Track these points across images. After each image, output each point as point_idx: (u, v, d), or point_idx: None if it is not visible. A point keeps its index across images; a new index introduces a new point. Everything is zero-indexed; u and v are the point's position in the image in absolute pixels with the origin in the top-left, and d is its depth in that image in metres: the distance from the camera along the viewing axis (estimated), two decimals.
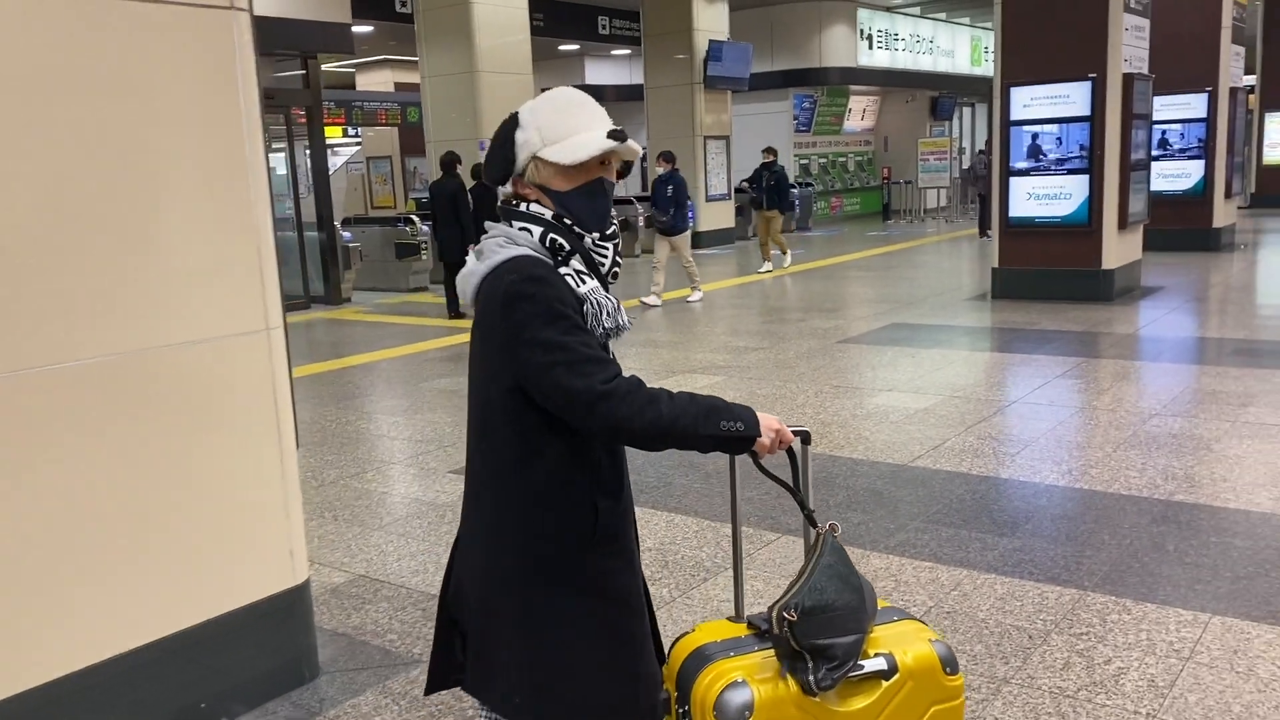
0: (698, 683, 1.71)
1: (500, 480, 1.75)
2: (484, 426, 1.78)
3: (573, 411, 1.66)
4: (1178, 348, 7.91)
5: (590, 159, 1.75)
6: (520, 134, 1.77)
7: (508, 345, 1.69)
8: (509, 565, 1.75)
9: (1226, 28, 13.57)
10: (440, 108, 14.52)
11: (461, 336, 9.75)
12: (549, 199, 1.77)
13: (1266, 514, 4.23)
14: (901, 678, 1.73)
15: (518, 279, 1.69)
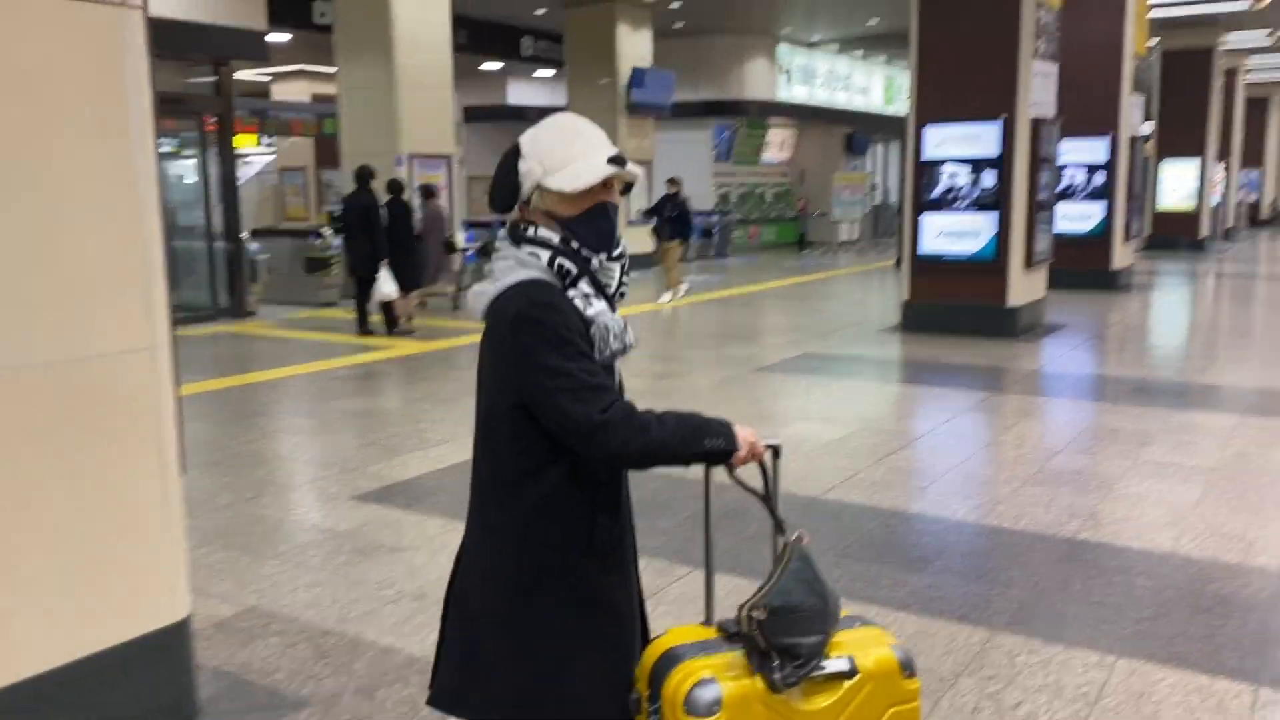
0: (668, 680, 1.77)
1: (504, 491, 1.83)
2: (489, 437, 1.85)
3: (572, 436, 1.74)
4: (1079, 385, 8.10)
5: (592, 185, 1.81)
6: (523, 164, 1.84)
7: (515, 365, 1.76)
8: (509, 574, 1.81)
9: (1127, 76, 14.11)
10: (357, 120, 14.22)
11: (370, 355, 9.52)
12: (555, 224, 1.84)
13: (1166, 554, 4.30)
14: (862, 679, 1.80)
15: (526, 304, 1.76)
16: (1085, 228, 14.62)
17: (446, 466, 5.71)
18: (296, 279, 13.66)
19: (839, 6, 19.57)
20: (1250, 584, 3.98)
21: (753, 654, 1.77)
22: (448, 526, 4.71)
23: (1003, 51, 9.91)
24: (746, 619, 1.75)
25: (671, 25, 20.73)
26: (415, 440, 6.31)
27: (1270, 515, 4.75)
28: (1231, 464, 5.62)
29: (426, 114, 14.18)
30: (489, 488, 1.87)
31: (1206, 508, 4.88)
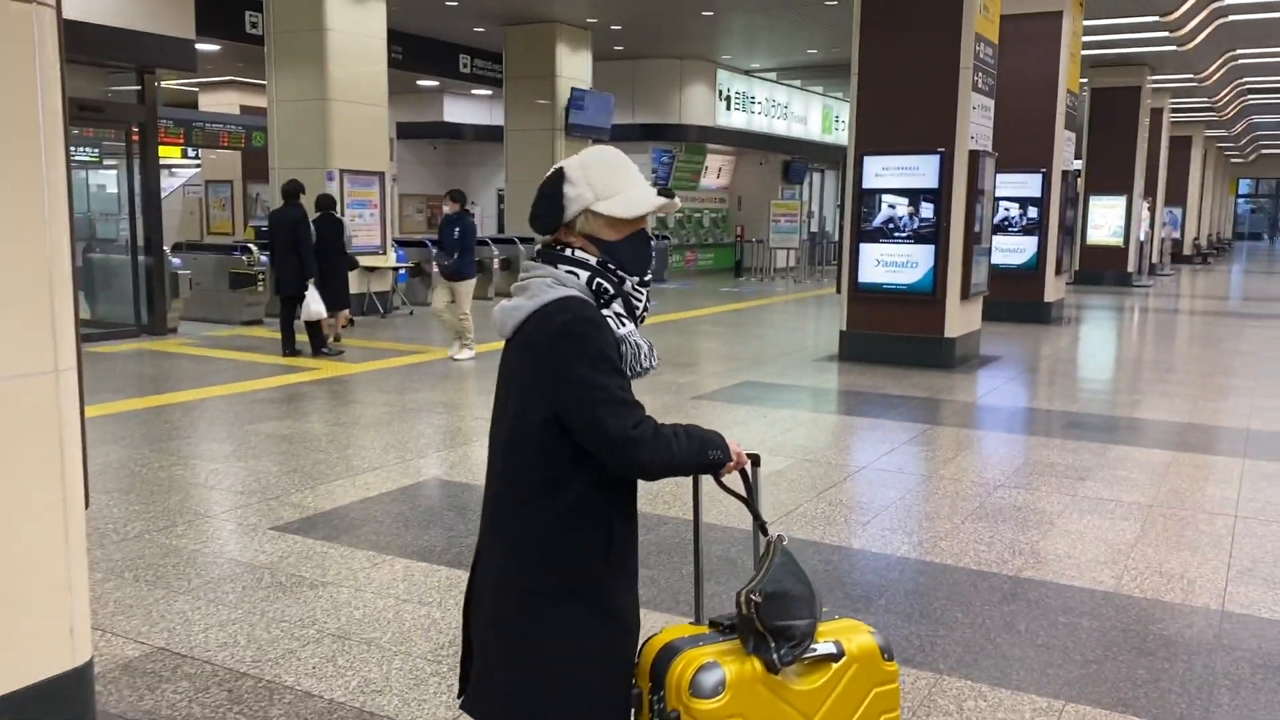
0: (672, 669, 1.86)
1: (525, 503, 1.89)
2: (513, 450, 1.91)
3: (603, 448, 1.83)
4: (1016, 418, 8.14)
5: (643, 214, 1.93)
6: (570, 189, 1.92)
7: (552, 378, 1.84)
8: (525, 584, 1.89)
9: (1061, 114, 14.41)
10: (288, 134, 13.89)
11: (294, 376, 9.20)
12: (594, 247, 1.94)
13: (1109, 593, 4.25)
14: (848, 661, 1.95)
15: (571, 319, 1.85)
16: (1018, 260, 14.86)
17: (374, 495, 5.47)
18: (220, 295, 13.24)
19: (778, 36, 19.74)
20: (1193, 624, 3.94)
21: (749, 638, 1.89)
22: (374, 560, 4.49)
23: (942, 84, 10.01)
24: (746, 601, 1.86)
25: (612, 47, 20.71)
26: (341, 467, 6.06)
27: (1207, 554, 4.75)
28: (1167, 500, 5.64)
29: (359, 129, 13.91)
30: (508, 499, 1.94)
31: (1146, 545, 4.86)
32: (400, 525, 4.99)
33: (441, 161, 25.63)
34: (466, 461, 6.26)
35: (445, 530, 4.91)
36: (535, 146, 18.24)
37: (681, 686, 1.84)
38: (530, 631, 1.89)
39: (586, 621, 1.90)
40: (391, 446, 6.60)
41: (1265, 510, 5.46)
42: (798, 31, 19.13)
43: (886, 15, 10.22)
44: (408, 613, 3.92)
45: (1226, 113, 29.86)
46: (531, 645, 1.89)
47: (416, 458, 6.32)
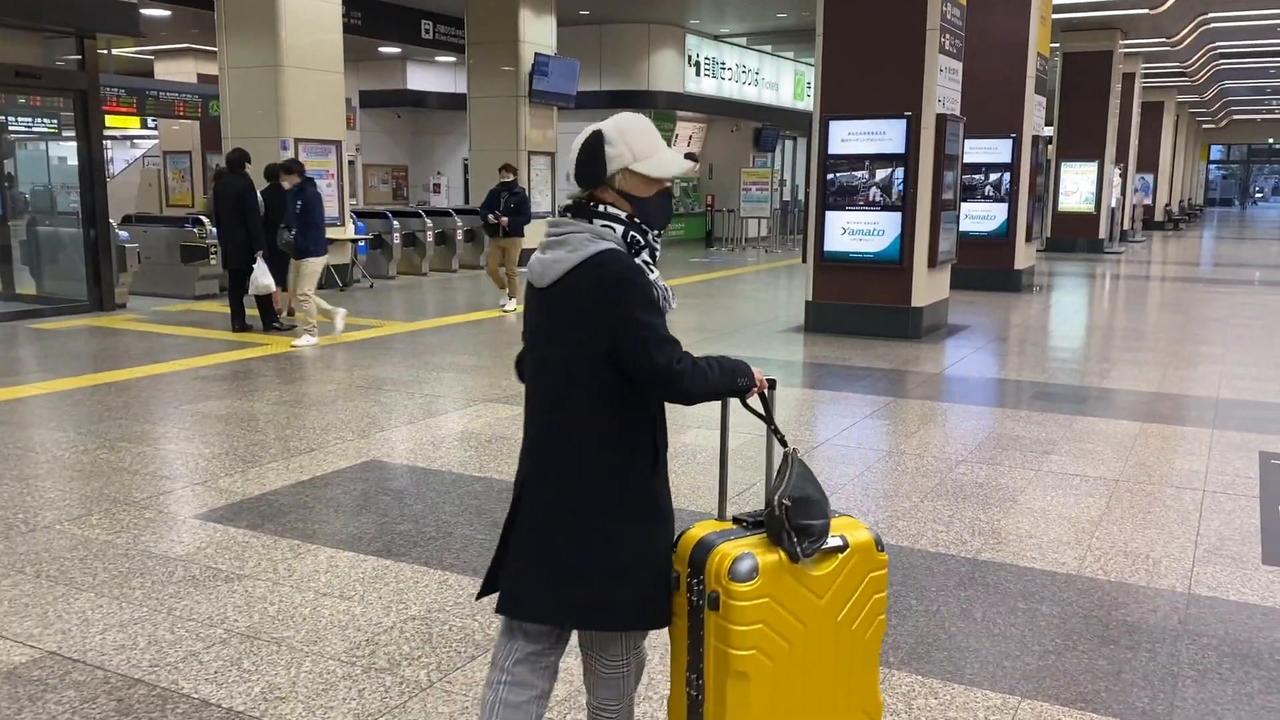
0: (711, 558, 2.17)
1: (584, 429, 2.16)
2: (569, 385, 2.17)
3: (652, 377, 2.12)
4: (981, 389, 7.94)
5: (675, 174, 2.22)
6: (611, 149, 2.16)
7: (609, 320, 2.09)
8: (587, 495, 2.16)
9: (1031, 77, 14.15)
10: (240, 102, 13.44)
11: (241, 353, 8.89)
12: (627, 202, 2.19)
13: (1071, 575, 4.05)
14: (851, 552, 2.28)
15: (623, 268, 2.11)
16: (988, 228, 14.65)
17: (307, 479, 5.20)
18: (172, 269, 12.84)
19: None
20: (1158, 609, 3.74)
21: (776, 534, 2.19)
22: (298, 550, 4.22)
23: (909, 45, 9.73)
24: (778, 505, 2.16)
25: (578, 12, 20.26)
26: (277, 449, 5.78)
27: (1174, 532, 4.56)
28: (1134, 474, 5.45)
29: (315, 97, 13.48)
30: (565, 428, 2.19)
31: (1111, 523, 4.66)
32: (331, 511, 4.73)
33: (406, 131, 25.12)
34: (409, 442, 5.99)
35: (378, 516, 4.65)
36: (499, 114, 17.81)
37: (721, 572, 2.15)
38: (595, 537, 2.17)
39: (641, 525, 2.20)
40: (332, 427, 6.31)
41: (1234, 484, 5.28)
42: None
43: None
44: (325, 608, 3.67)
45: (1198, 77, 29.73)
46: (596, 549, 2.17)
47: (358, 438, 6.04)
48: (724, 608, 2.15)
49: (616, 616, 2.22)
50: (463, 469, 5.40)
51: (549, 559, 2.19)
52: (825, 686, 2.29)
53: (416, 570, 4.01)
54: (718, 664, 2.18)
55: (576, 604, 2.20)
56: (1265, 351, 9.49)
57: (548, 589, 2.19)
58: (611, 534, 2.18)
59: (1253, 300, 13.77)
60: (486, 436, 6.07)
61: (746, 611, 2.15)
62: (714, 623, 2.17)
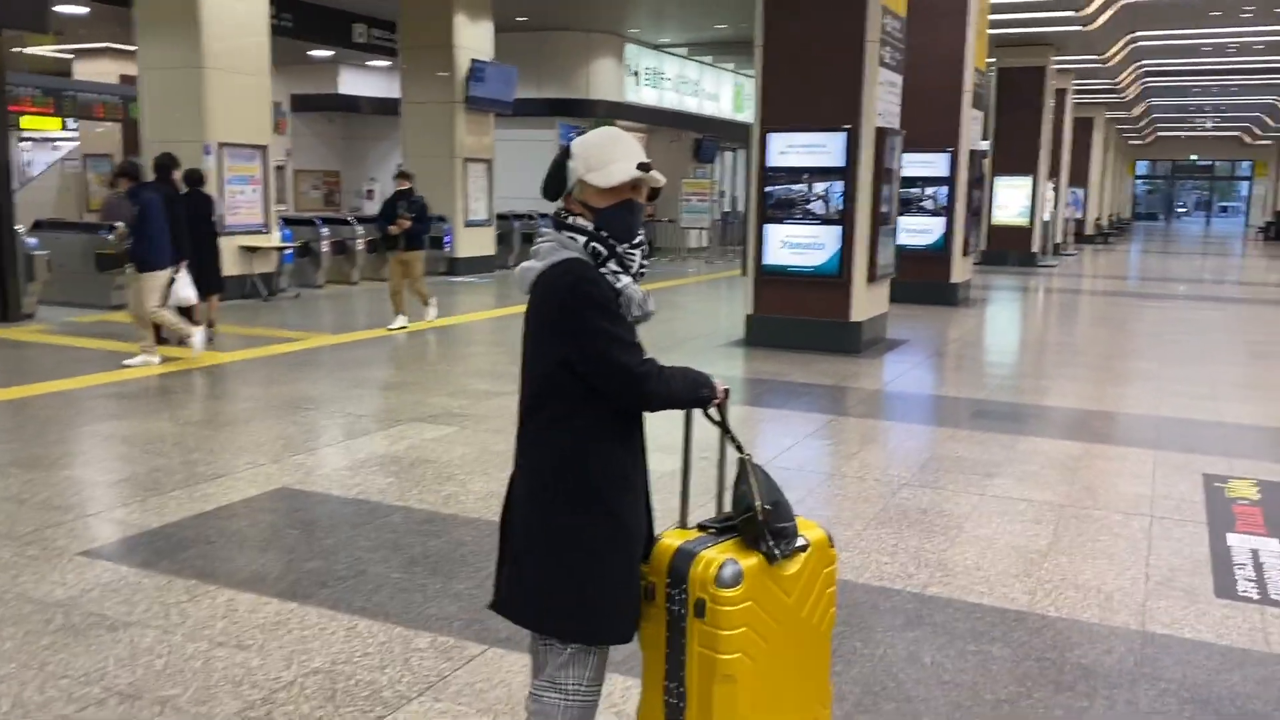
0: (693, 567, 2.21)
1: (545, 433, 2.25)
2: (534, 389, 2.26)
3: (615, 385, 2.18)
4: (922, 407, 7.80)
5: (623, 183, 2.24)
6: (571, 162, 2.26)
7: (564, 328, 2.16)
8: (547, 497, 2.23)
9: (967, 91, 14.18)
10: (160, 105, 12.90)
11: (172, 365, 8.42)
12: (590, 213, 2.26)
13: (1022, 612, 3.86)
14: (813, 549, 2.37)
15: (575, 279, 2.17)
16: (926, 242, 14.63)
17: (212, 509, 4.83)
18: (86, 278, 12.23)
19: (687, 9, 19.22)
20: (1113, 650, 3.56)
21: (754, 538, 2.27)
22: (194, 592, 3.86)
23: (848, 58, 9.60)
24: (762, 510, 2.24)
25: (515, 18, 19.95)
26: (182, 475, 5.39)
27: (1124, 562, 4.41)
28: (1080, 499, 5.31)
29: (239, 100, 12.99)
30: (531, 430, 2.29)
31: (1060, 553, 4.50)
32: (234, 546, 4.37)
33: (339, 136, 24.55)
34: (325, 466, 5.63)
35: (285, 552, 4.30)
36: (434, 120, 17.42)
37: (707, 579, 2.20)
38: (552, 540, 2.22)
39: (596, 529, 2.22)
40: (244, 450, 5.93)
41: (1180, 508, 5.16)
42: (706, 5, 18.64)
43: None
44: (219, 661, 3.33)
45: (1127, 95, 30.35)
46: (553, 553, 2.22)
47: (270, 463, 5.67)
48: (710, 614, 2.21)
49: (567, 625, 2.25)
50: (381, 497, 5.07)
51: (517, 561, 2.30)
52: (793, 679, 2.40)
53: (323, 615, 3.68)
54: (703, 670, 2.23)
55: (528, 604, 2.28)
56: (1198, 367, 9.52)
57: (516, 590, 2.30)
58: (570, 536, 2.22)
59: (1183, 315, 13.92)
60: (409, 460, 5.74)
61: (733, 616, 2.21)
62: (699, 630, 2.23)
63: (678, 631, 2.26)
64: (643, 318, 2.28)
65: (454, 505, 4.95)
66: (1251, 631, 3.73)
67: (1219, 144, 52.99)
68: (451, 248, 17.43)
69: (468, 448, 6.04)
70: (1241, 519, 5.00)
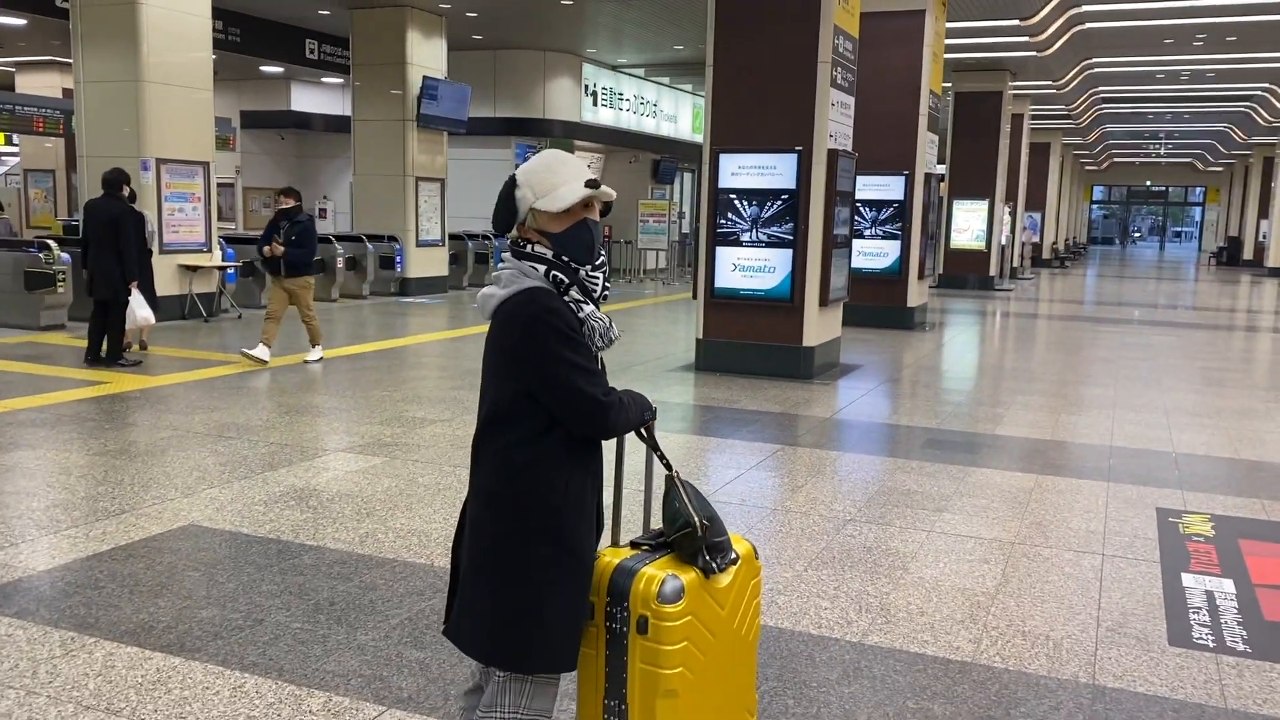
0: (635, 584, 2.25)
1: (500, 460, 2.24)
2: (490, 417, 2.26)
3: (578, 416, 2.20)
4: (872, 436, 7.59)
5: (574, 204, 2.25)
6: (518, 192, 2.27)
7: (524, 358, 2.18)
8: (501, 527, 2.24)
9: (924, 114, 14.11)
10: (98, 119, 12.52)
11: (74, 392, 8.04)
12: (547, 240, 2.26)
13: (967, 663, 3.62)
14: (743, 561, 2.43)
15: (538, 309, 2.18)
16: (881, 265, 14.53)
17: (107, 550, 4.49)
18: (15, 297, 11.79)
19: (644, 29, 19.08)
20: (1061, 706, 3.33)
21: (691, 553, 2.30)
22: (70, 646, 3.53)
23: (800, 78, 9.45)
24: (701, 527, 2.27)
25: (470, 36, 19.72)
26: (82, 511, 5.04)
27: (1074, 606, 4.19)
28: (1030, 536, 5.10)
29: (180, 116, 12.63)
30: (486, 456, 2.26)
31: (1008, 596, 4.27)
32: (125, 592, 4.03)
33: (290, 153, 24.13)
34: (239, 501, 5.30)
35: (179, 599, 3.97)
36: (386, 138, 17.13)
37: (649, 596, 2.22)
38: (503, 568, 2.22)
39: (549, 559, 2.21)
40: (155, 482, 5.58)
41: (1133, 546, 4.97)
42: (664, 26, 18.51)
43: (743, 4, 9.60)
44: None
45: (1082, 120, 30.67)
46: (505, 580, 2.21)
47: (181, 497, 5.33)
48: (653, 630, 2.23)
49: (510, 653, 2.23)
50: (294, 535, 4.75)
51: (465, 587, 2.30)
52: (725, 689, 2.44)
53: (209, 672, 3.36)
54: (645, 686, 2.25)
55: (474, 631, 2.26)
56: (1152, 394, 9.41)
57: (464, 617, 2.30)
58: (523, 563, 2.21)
59: (1138, 340, 13.89)
60: (328, 495, 5.42)
61: (674, 631, 2.24)
62: (641, 646, 2.24)
63: (619, 649, 2.28)
64: (605, 346, 2.28)
65: (370, 545, 4.64)
66: (1207, 684, 3.52)
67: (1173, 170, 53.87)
68: (403, 268, 17.12)
69: (394, 480, 5.73)
70: (1196, 558, 4.81)
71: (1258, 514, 5.61)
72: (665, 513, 2.37)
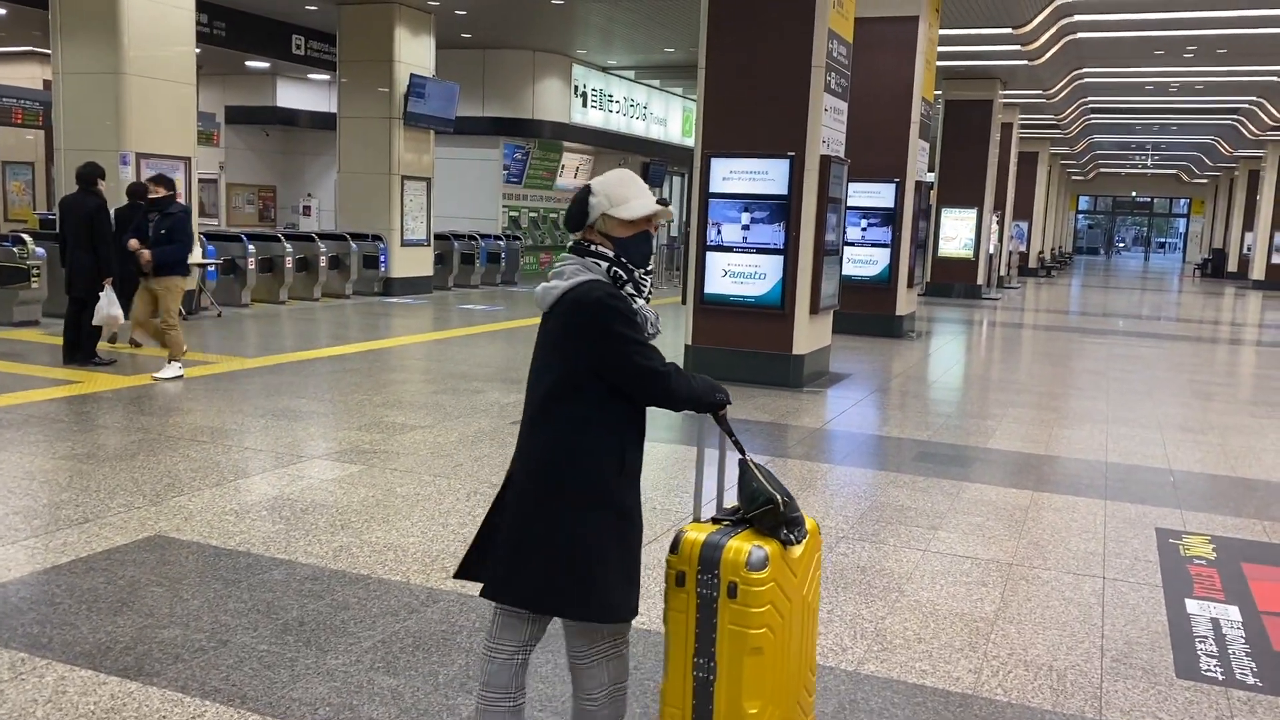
0: (725, 555, 2.53)
1: (562, 431, 2.49)
2: (554, 395, 2.51)
3: (642, 383, 2.49)
4: (864, 448, 7.44)
5: (642, 217, 2.57)
6: (593, 198, 2.58)
7: (592, 337, 2.46)
8: (560, 494, 2.48)
9: (915, 122, 13.99)
10: (76, 111, 12.26)
11: (52, 390, 7.81)
12: (610, 243, 2.58)
13: (967, 694, 3.45)
14: (810, 534, 2.70)
15: (604, 294, 2.48)
16: (871, 273, 14.40)
17: (66, 563, 4.27)
18: None
19: (634, 31, 18.92)
20: None
21: (773, 527, 2.60)
22: (20, 668, 3.32)
23: (793, 83, 9.29)
24: (782, 502, 2.57)
25: (459, 35, 19.51)
26: (43, 519, 4.82)
27: (1077, 634, 4.03)
28: (1029, 556, 4.95)
29: (162, 110, 12.38)
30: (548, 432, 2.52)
31: (1008, 622, 4.11)
32: (83, 609, 3.83)
33: (275, 150, 23.86)
34: (208, 510, 5.09)
35: (141, 616, 3.77)
36: (372, 136, 16.90)
37: (739, 564, 2.50)
38: (563, 531, 2.46)
39: (605, 522, 2.47)
40: (121, 489, 5.37)
41: (1134, 569, 4.82)
42: (654, 28, 18.35)
43: (736, 6, 9.45)
44: None
45: (1071, 131, 30.69)
46: (564, 543, 2.45)
47: (148, 505, 5.12)
48: (741, 594, 2.51)
49: (585, 607, 2.48)
50: (264, 548, 4.55)
51: (519, 545, 2.50)
52: (797, 651, 2.71)
53: (168, 699, 3.16)
54: (734, 645, 2.53)
55: (538, 588, 2.49)
56: (1145, 408, 9.30)
57: (517, 573, 2.50)
58: (580, 529, 2.46)
59: (1127, 351, 13.80)
60: (302, 505, 5.22)
61: (761, 595, 2.52)
62: (730, 610, 2.52)
63: (709, 612, 2.55)
64: (653, 334, 2.55)
65: (344, 559, 4.45)
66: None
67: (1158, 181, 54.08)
68: (387, 268, 16.90)
69: (370, 490, 5.53)
70: (1199, 582, 4.67)
71: (1258, 536, 5.48)
72: (744, 492, 2.64)
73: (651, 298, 2.63)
